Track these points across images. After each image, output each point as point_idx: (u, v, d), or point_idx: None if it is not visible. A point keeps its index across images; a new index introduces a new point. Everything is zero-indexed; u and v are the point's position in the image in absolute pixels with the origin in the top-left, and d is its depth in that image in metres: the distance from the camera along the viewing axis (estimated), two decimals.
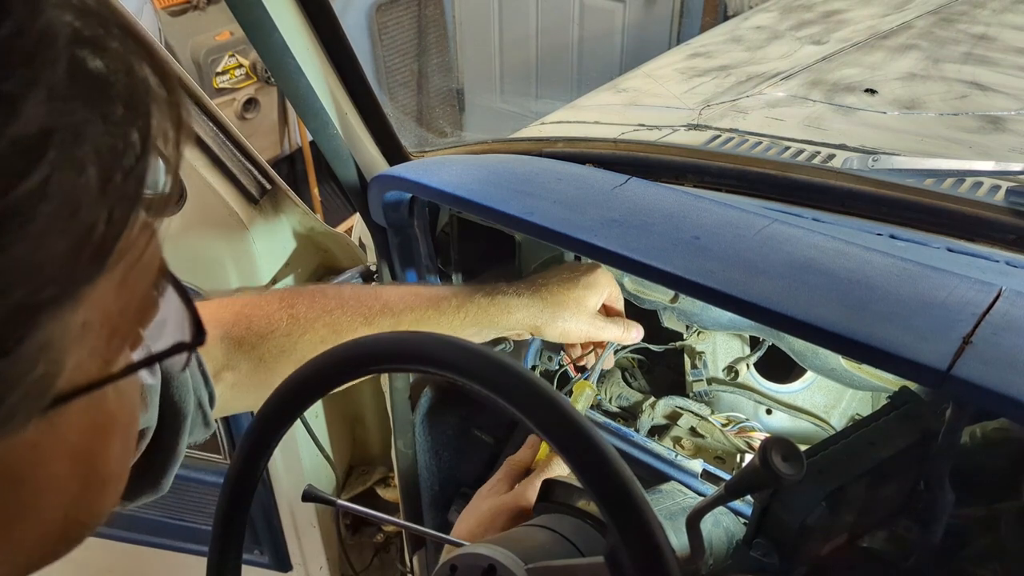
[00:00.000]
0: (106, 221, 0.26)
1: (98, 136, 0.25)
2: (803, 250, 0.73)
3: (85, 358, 0.28)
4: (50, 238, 0.24)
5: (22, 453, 0.28)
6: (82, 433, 0.31)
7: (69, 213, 0.24)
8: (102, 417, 0.32)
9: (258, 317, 0.77)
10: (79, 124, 0.24)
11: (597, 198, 0.85)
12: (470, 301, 0.84)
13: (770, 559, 0.66)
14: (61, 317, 0.26)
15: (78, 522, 0.33)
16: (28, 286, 0.24)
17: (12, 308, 0.24)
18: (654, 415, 1.02)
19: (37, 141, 0.23)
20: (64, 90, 0.24)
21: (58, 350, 0.26)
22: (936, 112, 1.18)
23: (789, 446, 0.54)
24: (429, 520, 1.22)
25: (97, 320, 0.28)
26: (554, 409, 0.48)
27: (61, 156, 0.24)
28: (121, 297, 0.29)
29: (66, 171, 0.24)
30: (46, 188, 0.23)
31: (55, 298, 0.25)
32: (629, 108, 1.37)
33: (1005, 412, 0.58)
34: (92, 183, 0.25)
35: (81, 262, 0.25)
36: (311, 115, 0.98)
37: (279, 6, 0.87)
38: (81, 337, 0.27)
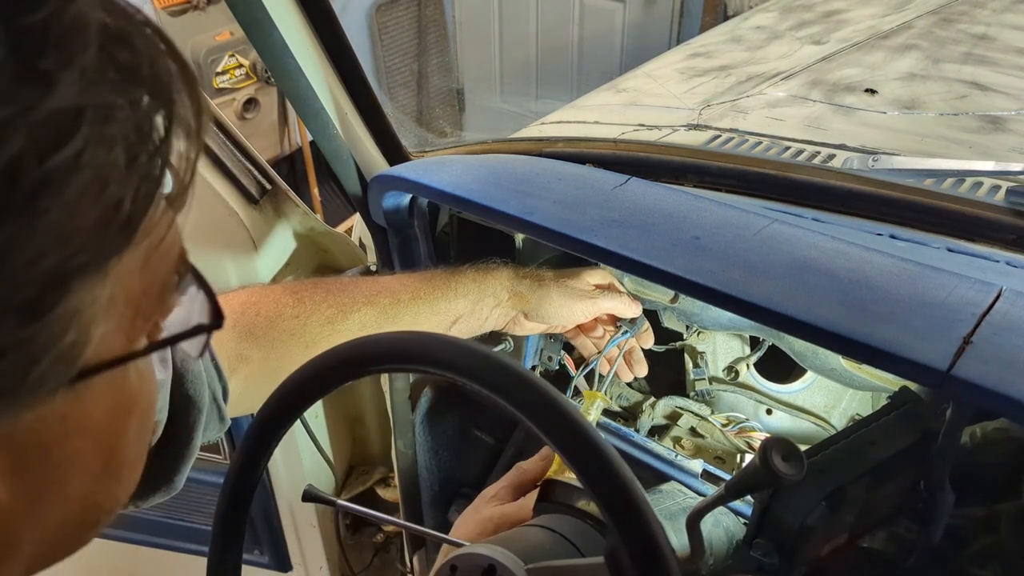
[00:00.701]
0: (132, 198, 0.28)
1: (125, 118, 0.27)
2: (803, 250, 0.73)
3: (110, 334, 0.30)
4: (82, 208, 0.26)
5: (50, 424, 0.29)
6: (105, 411, 0.32)
7: (99, 186, 0.26)
8: (124, 397, 0.33)
9: (266, 303, 0.78)
10: (108, 105, 0.26)
11: (597, 198, 0.85)
12: (457, 272, 0.87)
13: (770, 559, 0.66)
14: (90, 286, 0.27)
15: (97, 506, 0.35)
16: (61, 252, 0.26)
17: (46, 273, 0.25)
18: (654, 415, 1.02)
19: (71, 116, 0.25)
20: (95, 73, 0.26)
21: (87, 319, 0.28)
22: (936, 112, 1.18)
23: (789, 446, 0.54)
24: (429, 520, 1.22)
25: (122, 296, 0.30)
26: (554, 409, 0.48)
27: (92, 132, 0.26)
28: (144, 277, 0.31)
29: (97, 147, 0.26)
30: (79, 160, 0.25)
31: (85, 266, 0.27)
32: (629, 108, 1.37)
33: (1005, 412, 0.58)
34: (120, 161, 0.27)
35: (110, 234, 0.27)
36: (311, 115, 0.98)
37: (279, 6, 0.87)
38: (108, 310, 0.29)
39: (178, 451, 0.64)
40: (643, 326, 0.96)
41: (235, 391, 0.72)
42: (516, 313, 0.89)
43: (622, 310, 0.92)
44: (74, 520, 0.34)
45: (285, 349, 0.76)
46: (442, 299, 0.84)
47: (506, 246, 0.98)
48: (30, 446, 0.29)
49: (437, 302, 0.84)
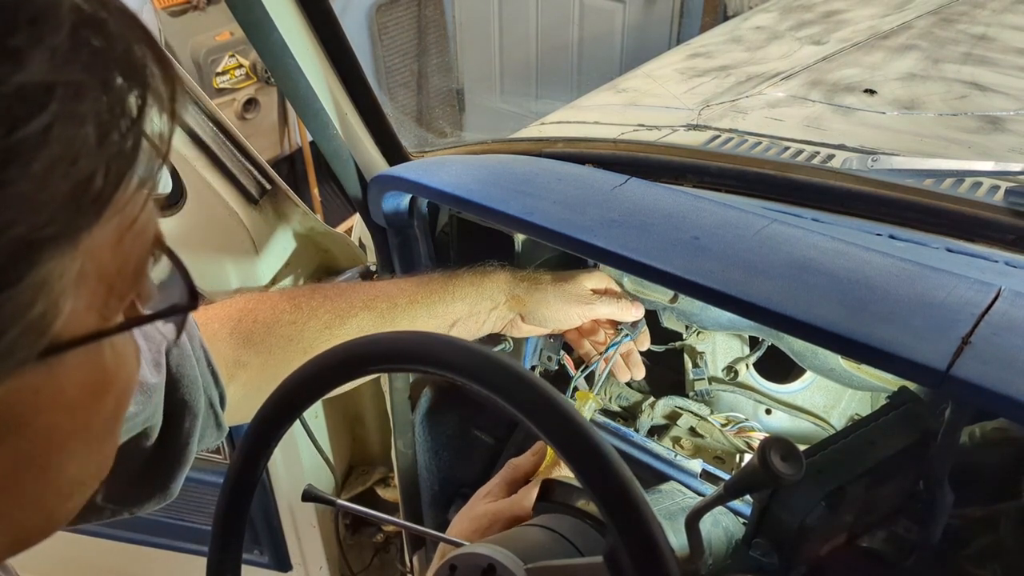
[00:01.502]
0: (103, 174, 0.28)
1: (96, 97, 0.28)
2: (802, 250, 0.73)
3: (83, 310, 0.30)
4: (51, 181, 0.26)
5: (24, 397, 0.30)
6: (80, 387, 0.32)
7: (69, 161, 0.27)
8: (100, 374, 0.33)
9: (263, 309, 0.78)
10: (79, 83, 0.27)
11: (597, 198, 0.85)
12: (455, 276, 0.87)
13: (769, 559, 0.67)
14: (60, 259, 0.28)
15: (76, 481, 0.35)
16: (30, 222, 0.26)
17: (14, 241, 0.26)
18: (653, 415, 1.02)
19: (40, 92, 0.26)
20: (66, 53, 0.27)
21: (56, 292, 0.28)
22: (936, 112, 1.18)
23: (788, 446, 0.54)
24: (429, 520, 1.22)
25: (94, 273, 0.30)
26: (553, 409, 0.48)
27: (62, 108, 0.26)
28: (118, 256, 0.31)
29: (67, 123, 0.27)
30: (48, 134, 0.26)
31: (54, 238, 0.27)
32: (629, 108, 1.37)
33: (1004, 412, 0.58)
34: (91, 138, 0.27)
35: (80, 208, 0.28)
36: (311, 115, 0.98)
37: (279, 6, 0.87)
38: (78, 285, 0.29)
39: (173, 458, 0.64)
40: (642, 329, 0.96)
41: (234, 398, 0.72)
42: (514, 316, 0.89)
43: (619, 315, 0.92)
44: (52, 495, 0.35)
45: (283, 355, 0.76)
46: (439, 303, 0.84)
47: (506, 246, 0.98)
48: (4, 419, 0.30)
49: (435, 306, 0.84)
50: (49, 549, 0.71)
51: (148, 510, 0.65)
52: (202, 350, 0.68)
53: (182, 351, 0.65)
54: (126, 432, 0.60)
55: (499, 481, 0.78)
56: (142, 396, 0.60)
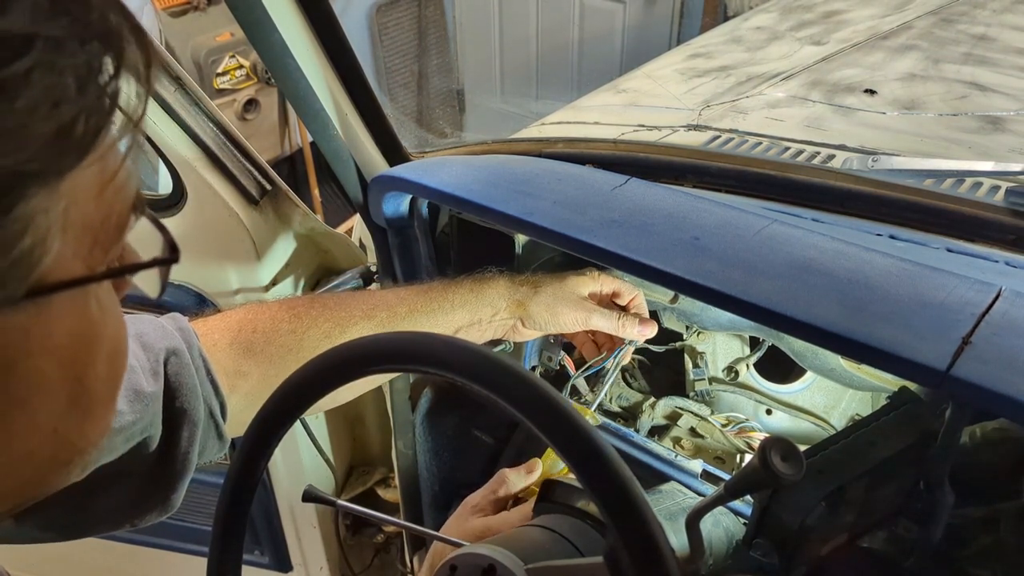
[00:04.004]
0: (83, 122, 0.30)
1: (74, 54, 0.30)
2: (803, 250, 0.73)
3: (69, 257, 0.32)
4: (34, 120, 0.28)
5: (13, 338, 0.31)
6: (67, 334, 0.34)
7: (50, 105, 0.29)
8: (86, 324, 0.35)
9: (263, 319, 0.77)
10: (58, 39, 0.29)
11: (597, 199, 0.85)
12: (455, 283, 0.87)
13: (770, 559, 0.67)
14: (45, 196, 0.30)
15: (68, 443, 0.36)
16: (15, 156, 0.28)
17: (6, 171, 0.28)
18: (654, 415, 1.02)
19: (22, 39, 0.28)
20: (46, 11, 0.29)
21: (43, 228, 0.30)
22: (936, 112, 1.18)
23: (789, 446, 0.54)
24: (429, 520, 1.22)
25: (79, 220, 0.32)
26: (554, 409, 0.48)
27: (42, 57, 0.28)
28: (100, 207, 0.33)
29: (47, 71, 0.29)
30: (29, 76, 0.28)
31: (38, 173, 0.29)
32: (629, 109, 1.37)
33: (1004, 412, 0.58)
34: (70, 89, 0.30)
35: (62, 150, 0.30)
36: (311, 116, 0.98)
37: (279, 7, 0.87)
38: (64, 229, 0.31)
39: (173, 468, 0.64)
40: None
41: (235, 409, 0.72)
42: (515, 321, 0.89)
43: (617, 332, 0.90)
44: (45, 454, 0.35)
45: (283, 365, 0.76)
46: (439, 311, 0.84)
47: (506, 247, 0.98)
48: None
49: (435, 314, 0.84)
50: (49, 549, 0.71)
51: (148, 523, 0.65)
52: (201, 359, 0.68)
53: (180, 360, 0.65)
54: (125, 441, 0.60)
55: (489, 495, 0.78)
56: (140, 404, 0.60)
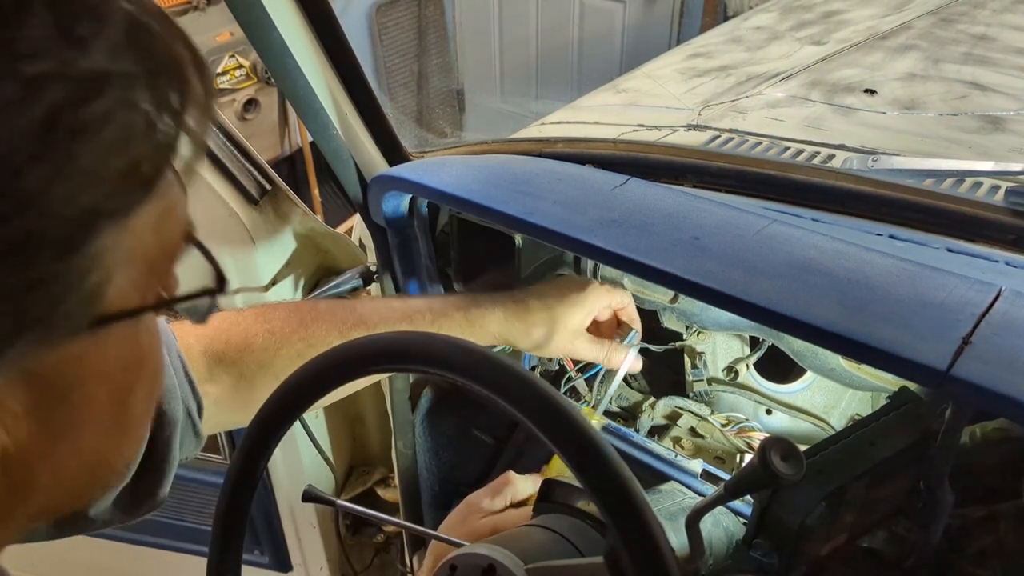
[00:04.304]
0: (151, 159, 0.31)
1: (145, 89, 0.31)
2: (803, 250, 0.73)
3: (127, 287, 0.33)
4: (109, 159, 0.29)
5: (71, 366, 0.32)
6: (119, 361, 0.35)
7: (124, 143, 0.30)
8: (136, 350, 0.36)
9: (236, 332, 0.77)
10: (131, 75, 0.30)
11: (597, 198, 0.85)
12: (444, 316, 0.84)
13: (770, 559, 0.66)
14: (114, 232, 0.30)
15: (106, 462, 0.38)
16: (91, 195, 0.29)
17: (78, 212, 0.29)
18: (654, 415, 1.02)
19: (101, 78, 0.29)
20: (120, 47, 0.30)
21: (109, 264, 0.31)
22: (936, 112, 1.18)
23: (789, 446, 0.54)
24: (429, 520, 1.22)
25: (139, 251, 0.33)
26: (553, 409, 0.48)
27: (118, 95, 0.29)
28: (158, 239, 0.34)
29: (122, 108, 0.30)
30: (108, 116, 0.29)
31: (111, 212, 0.30)
32: (629, 108, 1.37)
33: (1005, 412, 0.58)
34: (140, 125, 0.30)
35: (132, 187, 0.31)
36: (311, 115, 0.98)
37: (279, 6, 0.87)
38: (126, 261, 0.32)
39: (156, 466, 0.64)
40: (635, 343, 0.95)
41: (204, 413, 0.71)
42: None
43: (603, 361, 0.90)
44: (85, 473, 0.37)
45: (254, 380, 0.76)
46: None
47: (506, 246, 0.98)
48: (52, 386, 0.32)
49: None
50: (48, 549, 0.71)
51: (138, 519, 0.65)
52: (179, 360, 0.68)
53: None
54: None
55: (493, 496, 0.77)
56: None
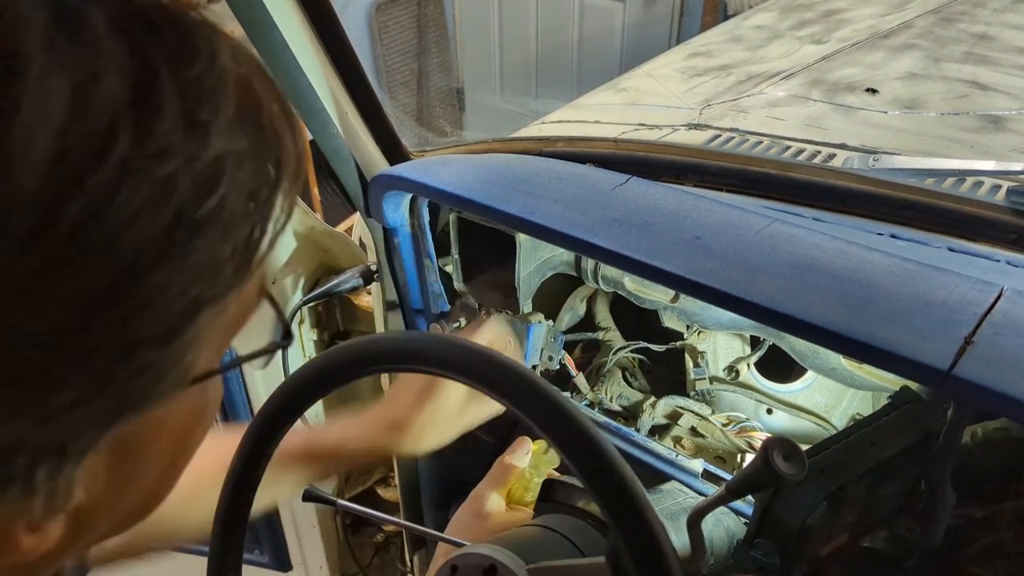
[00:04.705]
0: (248, 237, 0.30)
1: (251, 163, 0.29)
2: (804, 250, 0.73)
3: (211, 354, 0.33)
4: (218, 246, 0.28)
5: (151, 427, 0.32)
6: (188, 417, 0.35)
7: (231, 228, 0.29)
8: (203, 406, 0.37)
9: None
10: (242, 152, 0.29)
11: (598, 198, 0.85)
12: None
13: (771, 559, 0.66)
14: (214, 315, 0.30)
15: (156, 495, 0.38)
16: (201, 285, 0.28)
17: (190, 301, 0.28)
18: (655, 415, 1.02)
19: (219, 163, 0.28)
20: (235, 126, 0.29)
21: (202, 341, 0.30)
22: (937, 111, 1.18)
23: (790, 446, 0.54)
24: (429, 520, 1.22)
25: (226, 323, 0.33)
26: (555, 409, 0.48)
27: (231, 179, 0.28)
28: (240, 307, 0.33)
29: (234, 192, 0.28)
30: (222, 205, 0.28)
31: (214, 298, 0.29)
32: (629, 108, 1.37)
33: (1006, 412, 0.58)
34: (244, 206, 0.29)
35: (235, 268, 0.30)
36: (311, 114, 0.98)
37: (279, 6, 0.87)
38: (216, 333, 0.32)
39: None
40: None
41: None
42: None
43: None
44: (138, 509, 0.37)
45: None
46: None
47: (506, 246, 0.98)
48: (129, 446, 0.32)
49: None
50: None
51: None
52: None
53: None
54: None
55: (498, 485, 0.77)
56: None
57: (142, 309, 0.27)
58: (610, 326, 1.12)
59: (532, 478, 0.79)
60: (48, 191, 0.24)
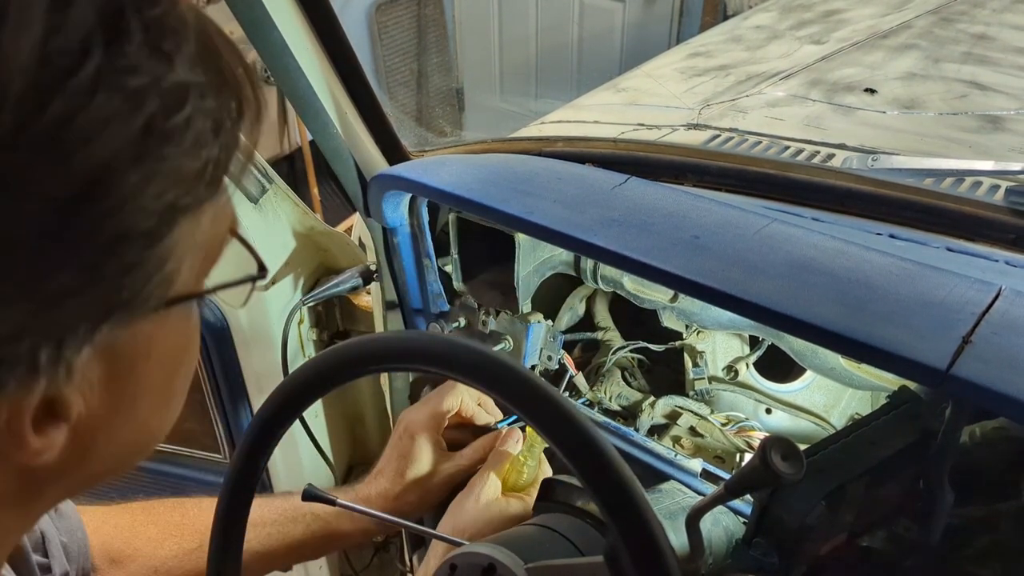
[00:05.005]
0: (216, 160, 0.35)
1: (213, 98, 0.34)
2: (803, 249, 0.73)
3: (189, 274, 0.37)
4: (188, 160, 0.33)
5: (140, 343, 0.36)
6: (175, 341, 0.39)
7: (199, 146, 0.33)
8: (187, 332, 0.40)
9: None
10: (204, 86, 0.34)
11: (597, 198, 0.85)
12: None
13: (770, 558, 0.67)
14: (188, 225, 0.35)
15: (150, 433, 0.42)
16: (175, 191, 0.33)
17: (166, 206, 0.33)
18: (654, 414, 1.02)
19: (183, 89, 0.32)
20: (195, 60, 0.33)
21: (181, 252, 0.35)
22: (936, 112, 1.18)
23: (789, 445, 0.54)
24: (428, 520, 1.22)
25: (202, 242, 0.37)
26: (554, 408, 0.48)
27: (196, 104, 0.33)
28: (214, 232, 0.38)
29: (199, 115, 0.33)
30: (189, 123, 0.33)
31: (188, 207, 0.34)
32: (629, 108, 1.37)
33: (1004, 411, 0.58)
34: (210, 129, 0.34)
35: (204, 184, 0.34)
36: (311, 115, 0.98)
37: (279, 5, 0.87)
38: (193, 250, 0.36)
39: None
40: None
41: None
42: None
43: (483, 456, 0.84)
44: (132, 443, 0.41)
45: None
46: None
47: (506, 246, 0.98)
48: (122, 359, 0.36)
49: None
50: None
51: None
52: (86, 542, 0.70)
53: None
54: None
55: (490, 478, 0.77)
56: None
57: (122, 204, 0.31)
58: (609, 326, 1.12)
59: (526, 460, 0.79)
60: (34, 90, 0.28)
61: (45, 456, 0.34)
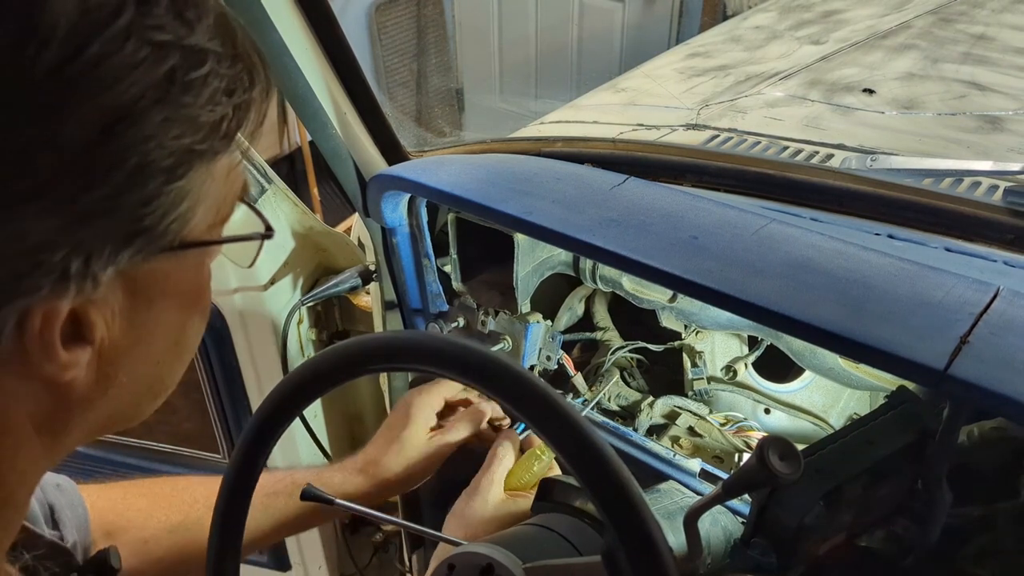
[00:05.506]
0: (230, 118, 0.40)
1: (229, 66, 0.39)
2: (801, 250, 0.73)
3: (203, 223, 0.41)
4: (205, 112, 0.38)
5: (158, 278, 0.41)
6: (188, 285, 0.44)
7: (215, 101, 0.38)
8: (198, 280, 0.45)
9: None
10: (221, 54, 0.38)
11: (596, 198, 0.85)
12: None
13: (768, 558, 0.67)
14: (202, 171, 0.39)
15: (161, 380, 0.46)
16: (192, 137, 0.37)
17: (182, 149, 0.37)
18: (652, 414, 1.02)
19: (202, 51, 0.37)
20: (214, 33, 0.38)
21: (196, 196, 0.39)
22: (934, 112, 1.18)
23: (787, 445, 0.54)
24: (428, 520, 1.22)
25: (214, 194, 0.41)
26: (552, 408, 0.48)
27: (213, 66, 0.38)
28: (227, 188, 0.42)
29: (215, 76, 0.38)
30: (206, 80, 0.37)
31: (203, 153, 0.38)
32: (628, 108, 1.37)
33: (1002, 411, 0.58)
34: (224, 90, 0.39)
35: (218, 137, 0.39)
36: (310, 115, 0.98)
37: (278, 6, 0.87)
38: (207, 199, 0.40)
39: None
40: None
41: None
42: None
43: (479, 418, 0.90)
44: (146, 385, 0.45)
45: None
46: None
47: (505, 246, 0.98)
48: (141, 293, 0.40)
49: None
50: None
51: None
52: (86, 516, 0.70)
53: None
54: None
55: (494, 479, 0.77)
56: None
57: (146, 140, 0.35)
58: (608, 326, 1.12)
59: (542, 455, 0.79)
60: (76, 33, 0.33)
61: (72, 372, 0.39)
